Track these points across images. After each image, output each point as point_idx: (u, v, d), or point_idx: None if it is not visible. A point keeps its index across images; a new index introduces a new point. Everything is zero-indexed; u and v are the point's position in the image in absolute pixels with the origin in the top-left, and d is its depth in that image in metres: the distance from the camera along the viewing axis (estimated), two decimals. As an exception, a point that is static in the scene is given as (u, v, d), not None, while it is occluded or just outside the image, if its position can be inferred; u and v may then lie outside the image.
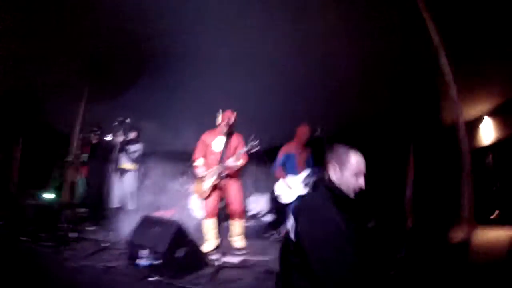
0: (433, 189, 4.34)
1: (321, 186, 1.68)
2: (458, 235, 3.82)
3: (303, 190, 4.45)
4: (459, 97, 3.97)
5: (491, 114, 6.23)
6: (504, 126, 5.97)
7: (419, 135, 4.83)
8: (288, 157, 4.65)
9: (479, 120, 6.42)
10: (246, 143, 3.99)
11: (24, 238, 3.70)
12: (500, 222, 5.16)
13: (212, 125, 4.25)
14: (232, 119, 4.07)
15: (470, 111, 6.23)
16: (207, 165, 4.09)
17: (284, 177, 4.60)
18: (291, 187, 4.53)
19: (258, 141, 3.84)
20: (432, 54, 4.06)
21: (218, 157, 4.01)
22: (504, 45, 4.38)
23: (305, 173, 4.56)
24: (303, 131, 4.62)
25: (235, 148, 4.02)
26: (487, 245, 3.75)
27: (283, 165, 4.67)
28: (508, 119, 5.83)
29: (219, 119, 4.12)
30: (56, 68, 5.38)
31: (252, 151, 3.87)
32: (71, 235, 4.00)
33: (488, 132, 6.30)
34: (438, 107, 4.75)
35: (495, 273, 2.54)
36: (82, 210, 5.41)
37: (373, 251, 3.39)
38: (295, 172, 4.59)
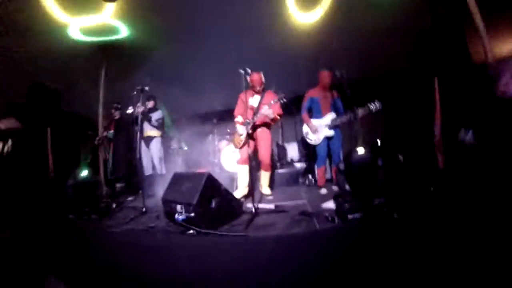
0: (463, 126, 4.10)
1: None
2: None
3: (328, 133, 4.51)
4: (488, 34, 3.85)
5: None
6: None
7: (444, 71, 4.54)
8: (312, 100, 4.67)
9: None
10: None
11: (71, 216, 3.90)
12: None
13: (234, 85, 4.21)
14: (262, 79, 4.42)
15: (500, 50, 5.88)
16: (244, 120, 4.41)
17: (308, 121, 4.62)
18: (316, 130, 4.55)
19: (283, 94, 4.01)
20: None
21: (253, 111, 4.35)
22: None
23: (329, 116, 4.54)
24: (324, 75, 4.59)
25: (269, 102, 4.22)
26: None
27: (309, 108, 4.70)
28: None
29: (248, 80, 4.26)
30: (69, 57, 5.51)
31: (281, 101, 4.03)
32: (112, 206, 4.19)
33: None
34: (464, 42, 4.44)
35: None
36: (118, 184, 5.65)
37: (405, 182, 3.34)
38: (320, 115, 4.62)
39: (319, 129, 4.54)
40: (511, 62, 3.87)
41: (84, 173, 4.47)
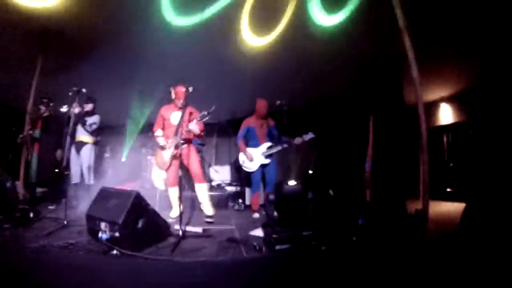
0: (391, 163, 4.62)
1: None
2: (414, 207, 4.14)
3: (264, 161, 4.71)
4: (420, 79, 4.32)
5: (449, 99, 6.87)
6: (460, 111, 6.62)
7: (379, 111, 5.07)
8: (248, 130, 4.85)
9: (438, 103, 7.12)
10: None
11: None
12: (454, 197, 5.63)
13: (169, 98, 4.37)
14: (184, 93, 4.21)
15: (430, 95, 6.81)
16: (166, 137, 4.27)
17: (244, 149, 4.79)
18: (252, 158, 4.73)
19: (207, 111, 3.85)
20: (397, 36, 4.36)
21: (175, 129, 4.17)
22: (462, 39, 4.82)
23: (265, 145, 4.77)
24: (261, 104, 4.79)
25: (191, 120, 4.09)
26: (441, 217, 4.09)
27: (245, 137, 4.87)
28: (464, 107, 6.51)
29: (172, 94, 4.28)
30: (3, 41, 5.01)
31: (203, 120, 3.93)
32: (29, 215, 3.87)
33: (445, 115, 6.97)
34: (400, 87, 5.00)
35: (448, 241, 2.79)
36: (40, 189, 5.23)
37: (334, 215, 3.61)
38: (256, 144, 4.81)
39: (255, 157, 4.72)
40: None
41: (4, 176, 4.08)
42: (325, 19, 5.05)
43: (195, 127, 3.99)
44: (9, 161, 5.28)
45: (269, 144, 4.74)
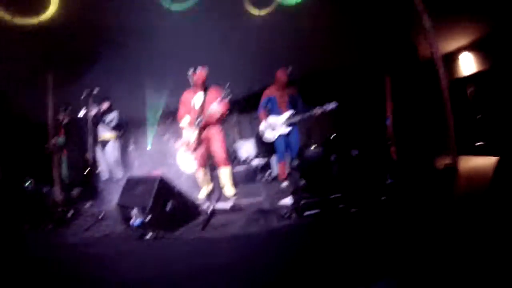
0: (413, 119, 4.46)
1: None
2: (442, 162, 4.00)
3: (284, 130, 4.68)
4: (435, 31, 4.11)
5: (469, 48, 6.38)
6: (482, 59, 6.16)
7: (395, 68, 4.88)
8: (269, 99, 4.86)
9: (457, 53, 6.60)
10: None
11: (26, 226, 3.78)
12: (483, 151, 5.35)
13: (186, 84, 4.37)
14: (204, 74, 4.23)
15: (448, 45, 6.33)
16: (191, 121, 4.29)
17: (265, 119, 4.81)
18: (273, 127, 4.73)
19: (229, 89, 3.94)
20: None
21: (199, 111, 4.20)
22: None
23: (286, 114, 4.72)
24: (280, 74, 4.76)
25: (215, 100, 4.11)
26: (471, 172, 3.93)
27: (266, 107, 4.87)
28: (486, 54, 6.04)
29: (191, 78, 4.26)
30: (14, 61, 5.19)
31: (227, 98, 3.98)
32: (67, 214, 4.09)
33: (467, 65, 6.49)
34: (413, 41, 4.78)
35: (478, 199, 2.65)
36: (76, 192, 5.48)
37: (360, 176, 3.54)
38: (277, 113, 4.79)
39: (276, 126, 4.71)
40: None
41: (32, 182, 4.34)
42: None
43: (215, 109, 4.03)
44: (42, 170, 5.57)
45: (290, 112, 4.69)
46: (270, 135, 4.79)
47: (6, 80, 5.50)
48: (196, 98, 4.31)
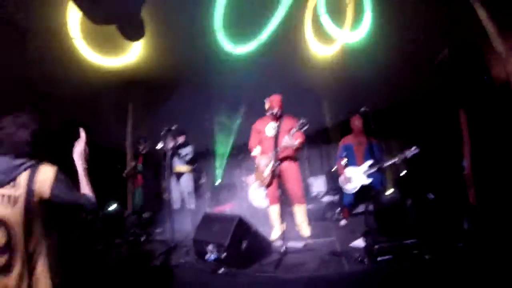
0: (494, 157, 4.06)
1: None
2: None
3: (365, 181, 4.41)
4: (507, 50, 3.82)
5: None
6: None
7: (469, 99, 4.56)
8: (346, 148, 4.69)
9: None
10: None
11: (100, 248, 4.02)
12: None
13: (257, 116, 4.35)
14: (279, 98, 4.03)
15: None
16: (264, 152, 4.07)
17: (342, 171, 4.62)
18: (352, 179, 4.52)
19: (306, 119, 3.66)
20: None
21: (273, 142, 3.85)
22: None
23: (365, 165, 4.49)
24: (354, 120, 4.65)
25: (289, 130, 3.83)
26: None
27: (344, 156, 4.68)
28: None
29: (267, 105, 4.09)
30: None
31: (303, 129, 3.71)
32: (140, 238, 4.30)
33: None
34: (485, 66, 4.48)
35: None
36: (147, 215, 5.78)
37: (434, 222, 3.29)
38: (355, 163, 4.59)
39: (355, 177, 4.50)
40: None
41: (114, 206, 4.66)
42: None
43: (290, 142, 3.73)
44: (120, 195, 6.00)
45: (370, 162, 4.45)
46: (351, 187, 4.54)
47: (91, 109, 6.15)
48: (269, 127, 4.05)
